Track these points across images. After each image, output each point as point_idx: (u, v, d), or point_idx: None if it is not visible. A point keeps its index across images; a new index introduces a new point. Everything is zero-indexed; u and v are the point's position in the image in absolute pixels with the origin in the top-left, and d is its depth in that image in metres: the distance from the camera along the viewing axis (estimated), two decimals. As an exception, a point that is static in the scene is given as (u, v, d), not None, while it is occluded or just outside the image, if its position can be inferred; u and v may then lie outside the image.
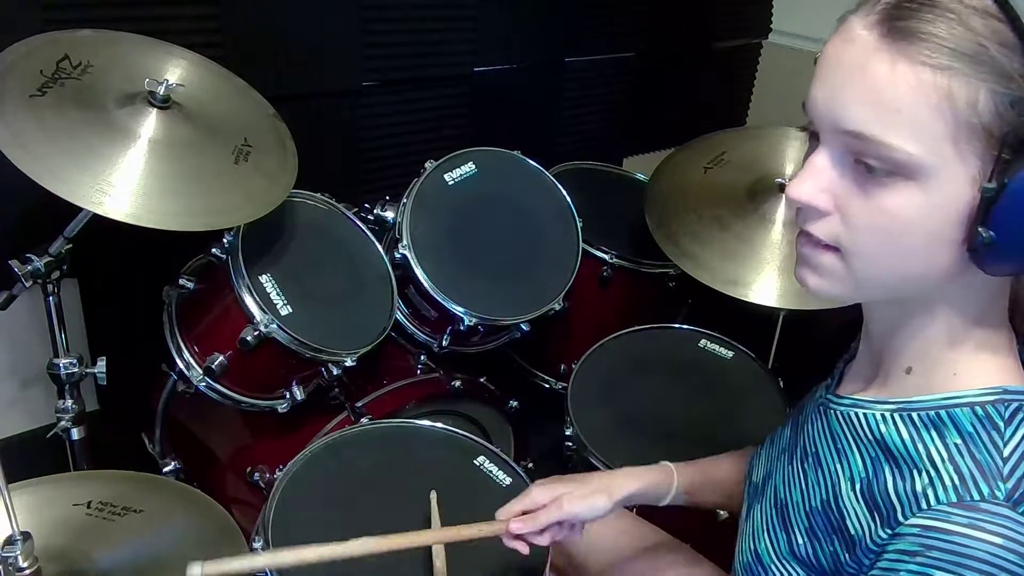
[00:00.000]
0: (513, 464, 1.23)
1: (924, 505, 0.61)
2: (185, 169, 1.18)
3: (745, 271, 1.56)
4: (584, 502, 0.93)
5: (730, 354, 1.62)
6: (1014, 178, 0.55)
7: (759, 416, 1.49)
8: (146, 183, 1.12)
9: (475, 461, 1.23)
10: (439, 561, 1.00)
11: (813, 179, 0.64)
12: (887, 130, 0.58)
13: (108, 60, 1.22)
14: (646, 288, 1.83)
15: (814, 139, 0.65)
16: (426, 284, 1.45)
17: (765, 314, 1.61)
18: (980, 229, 0.57)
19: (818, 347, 1.16)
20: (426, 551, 1.01)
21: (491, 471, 1.22)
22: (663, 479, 1.00)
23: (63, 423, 1.28)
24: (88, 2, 1.38)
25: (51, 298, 1.23)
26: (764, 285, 1.54)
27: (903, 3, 0.58)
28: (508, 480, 1.20)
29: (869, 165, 0.60)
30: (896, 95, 0.57)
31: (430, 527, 1.05)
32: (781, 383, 1.54)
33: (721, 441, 1.42)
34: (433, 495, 1.10)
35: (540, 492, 0.95)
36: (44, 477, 1.01)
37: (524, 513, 0.94)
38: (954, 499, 0.60)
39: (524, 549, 0.93)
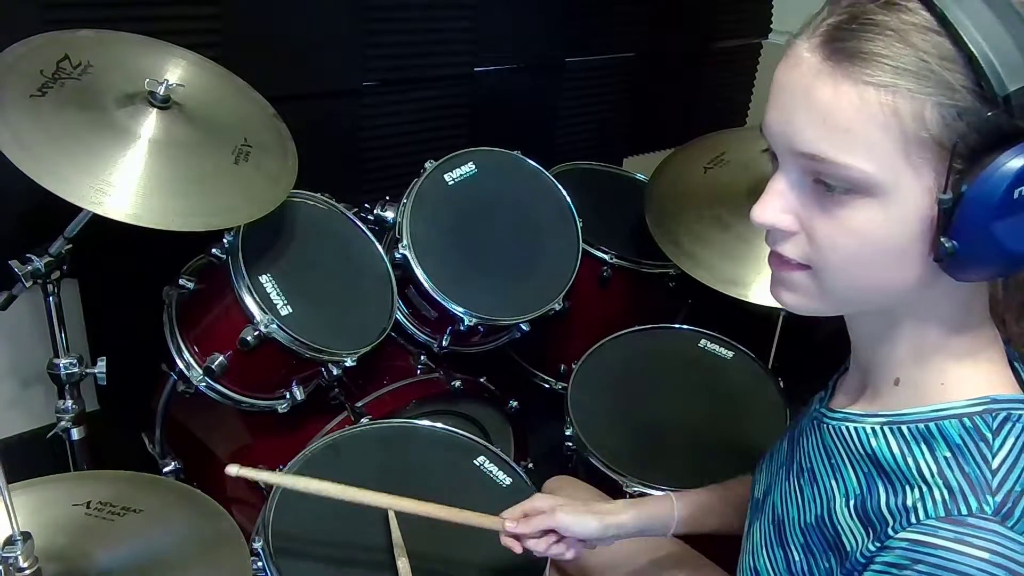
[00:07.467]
0: (513, 464, 1.23)
1: (914, 519, 0.61)
2: (185, 169, 1.18)
3: (745, 271, 1.56)
4: (575, 517, 0.97)
5: (730, 354, 1.62)
6: (969, 186, 0.56)
7: (759, 416, 1.49)
8: (146, 183, 1.12)
9: (475, 461, 1.23)
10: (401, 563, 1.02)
11: (775, 201, 0.65)
12: (839, 150, 0.59)
13: (108, 60, 1.22)
14: (646, 288, 1.83)
15: (775, 160, 0.66)
16: (426, 284, 1.45)
17: (765, 314, 1.61)
18: (943, 239, 0.58)
19: (818, 347, 1.16)
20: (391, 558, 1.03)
21: (491, 471, 1.22)
22: (663, 511, 1.01)
23: (63, 423, 1.28)
24: (88, 2, 1.38)
25: (51, 298, 1.23)
26: (764, 285, 1.53)
27: (843, 24, 0.59)
28: (508, 480, 1.21)
29: (828, 184, 0.61)
30: (843, 116, 0.58)
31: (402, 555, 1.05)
32: (781, 383, 1.54)
33: (721, 441, 1.43)
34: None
35: (542, 499, 1.01)
36: (44, 477, 1.01)
37: (525, 516, 0.99)
38: (943, 513, 0.60)
39: (517, 548, 0.98)
